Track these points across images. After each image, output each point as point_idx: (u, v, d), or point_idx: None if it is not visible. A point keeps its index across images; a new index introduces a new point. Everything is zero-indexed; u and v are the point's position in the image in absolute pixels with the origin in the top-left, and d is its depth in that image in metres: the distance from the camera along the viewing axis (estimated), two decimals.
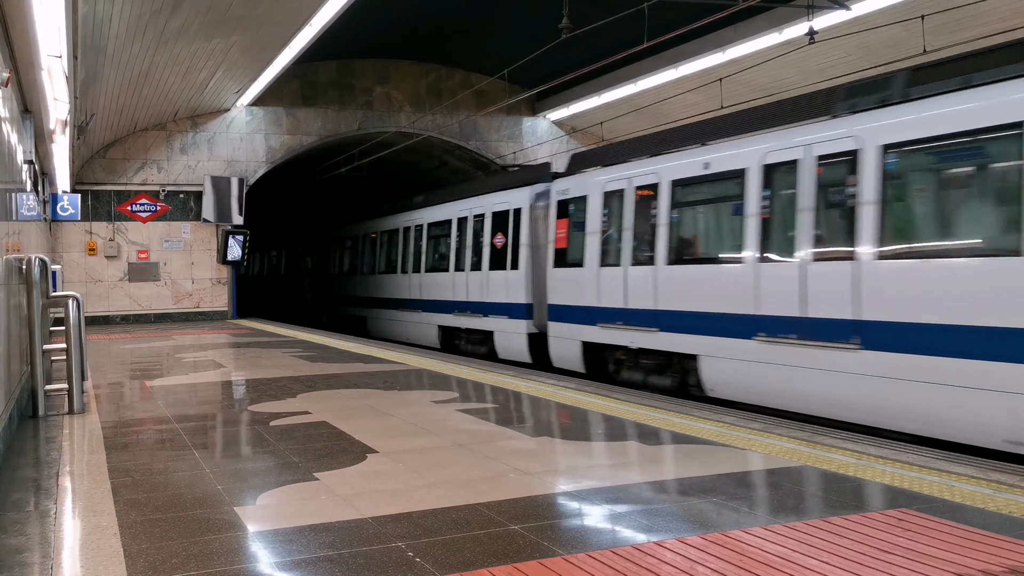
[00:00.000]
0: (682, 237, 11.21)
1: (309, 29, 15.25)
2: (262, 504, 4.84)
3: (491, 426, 7.06)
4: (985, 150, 7.52)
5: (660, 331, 11.37)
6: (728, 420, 7.22)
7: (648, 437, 6.60)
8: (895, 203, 8.30)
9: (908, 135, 8.08)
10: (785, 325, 9.33)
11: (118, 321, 22.37)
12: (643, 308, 11.69)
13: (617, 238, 12.36)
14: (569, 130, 25.75)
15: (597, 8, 13.93)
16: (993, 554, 3.76)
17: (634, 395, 8.83)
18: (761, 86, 18.09)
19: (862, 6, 14.19)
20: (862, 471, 5.31)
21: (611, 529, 4.28)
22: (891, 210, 8.28)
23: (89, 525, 4.45)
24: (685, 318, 10.92)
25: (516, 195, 15.81)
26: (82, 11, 9.54)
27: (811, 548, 3.87)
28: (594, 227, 12.91)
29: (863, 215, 8.44)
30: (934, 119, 7.83)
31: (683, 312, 10.95)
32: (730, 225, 10.40)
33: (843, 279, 8.61)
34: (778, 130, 9.88)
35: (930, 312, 7.73)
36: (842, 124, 8.92)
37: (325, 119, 23.99)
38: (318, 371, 11.13)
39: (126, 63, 14.62)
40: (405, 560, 3.82)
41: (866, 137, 8.53)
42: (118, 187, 22.39)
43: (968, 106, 7.54)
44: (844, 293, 8.59)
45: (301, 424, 7.25)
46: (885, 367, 8.13)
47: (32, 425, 7.56)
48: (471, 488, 5.03)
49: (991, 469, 5.33)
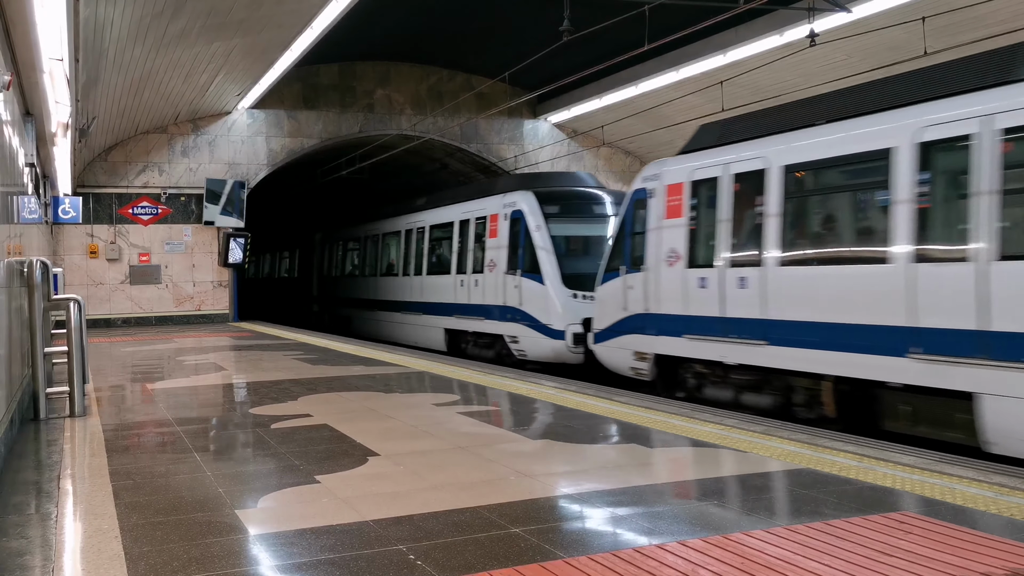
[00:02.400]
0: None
1: (310, 32, 15.26)
2: (263, 507, 4.83)
3: (492, 429, 7.06)
4: None
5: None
6: (729, 423, 7.21)
7: (649, 439, 6.59)
8: None
9: None
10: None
11: (119, 324, 22.37)
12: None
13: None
14: (570, 132, 25.76)
15: (598, 10, 13.92)
16: (995, 557, 3.75)
17: (633, 397, 8.83)
18: (762, 88, 18.10)
19: (863, 8, 14.19)
20: (864, 474, 5.31)
21: (612, 532, 4.27)
22: None
23: (90, 528, 4.45)
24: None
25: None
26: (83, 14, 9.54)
27: (812, 551, 3.86)
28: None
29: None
30: None
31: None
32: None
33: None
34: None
35: None
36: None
37: (326, 122, 24.01)
38: (319, 374, 11.13)
39: (127, 66, 14.63)
40: (406, 563, 3.81)
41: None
42: (119, 190, 22.39)
43: None
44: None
45: (302, 427, 7.24)
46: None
47: (33, 428, 7.56)
48: (472, 491, 5.03)
49: (993, 472, 5.32)
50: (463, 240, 17.75)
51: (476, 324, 16.94)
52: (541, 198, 15.59)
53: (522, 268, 15.33)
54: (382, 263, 22.91)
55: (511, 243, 15.75)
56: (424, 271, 19.67)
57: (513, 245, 15.69)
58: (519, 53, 17.89)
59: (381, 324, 22.48)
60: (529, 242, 15.24)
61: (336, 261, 27.05)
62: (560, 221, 15.48)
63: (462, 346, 17.96)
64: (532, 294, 15.04)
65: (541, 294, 14.83)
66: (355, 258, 25.52)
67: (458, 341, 18.18)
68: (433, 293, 19.11)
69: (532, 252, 15.16)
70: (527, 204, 15.56)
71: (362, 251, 24.75)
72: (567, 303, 14.49)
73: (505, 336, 15.81)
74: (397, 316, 21.29)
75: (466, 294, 17.38)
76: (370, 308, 23.44)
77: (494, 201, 16.70)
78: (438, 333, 18.79)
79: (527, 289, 15.18)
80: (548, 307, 14.65)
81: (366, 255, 24.37)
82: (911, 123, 8.18)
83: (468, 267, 17.40)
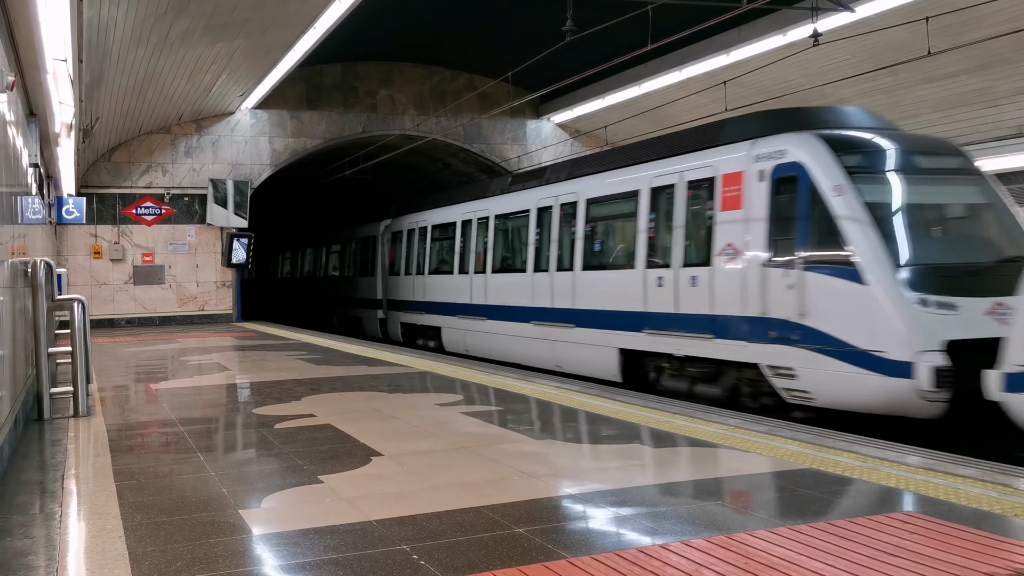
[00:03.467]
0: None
1: (313, 32, 15.27)
2: (267, 507, 4.84)
3: (495, 429, 7.06)
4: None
5: None
6: (732, 422, 7.21)
7: (652, 439, 6.59)
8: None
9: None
10: None
11: (123, 324, 22.40)
12: None
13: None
14: (573, 132, 25.76)
15: (601, 10, 13.92)
16: (999, 557, 3.74)
17: (637, 397, 8.82)
18: (765, 88, 18.08)
19: (866, 8, 14.16)
20: (867, 474, 5.30)
21: (616, 532, 4.27)
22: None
23: (94, 528, 4.46)
24: None
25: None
26: (87, 15, 9.56)
27: (816, 551, 3.86)
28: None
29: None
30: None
31: None
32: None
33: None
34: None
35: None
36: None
37: (329, 122, 24.03)
38: (322, 374, 11.14)
39: (131, 66, 14.66)
40: (410, 563, 3.81)
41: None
42: (123, 190, 22.43)
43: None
44: None
45: (306, 427, 7.25)
46: None
47: (37, 428, 7.57)
48: (475, 491, 5.03)
49: (997, 472, 5.31)
50: (662, 215, 11.96)
51: (690, 344, 11.19)
52: (836, 144, 9.82)
53: (806, 254, 9.55)
54: (495, 256, 16.85)
55: (776, 216, 10.02)
56: (578, 265, 13.83)
57: (781, 219, 9.97)
58: (522, 53, 17.89)
59: (495, 339, 16.50)
60: (823, 213, 9.50)
61: (416, 255, 20.83)
62: (880, 180, 9.69)
63: (652, 375, 12.26)
64: (833, 299, 9.27)
65: (856, 299, 9.04)
66: (446, 250, 19.21)
67: (643, 367, 12.46)
68: (597, 296, 13.30)
69: (830, 229, 9.38)
70: (812, 153, 9.78)
71: (463, 240, 18.31)
72: (914, 316, 8.67)
73: (765, 367, 10.01)
74: (525, 329, 15.31)
75: (668, 298, 11.60)
76: (475, 316, 17.36)
77: (731, 153, 10.89)
78: (605, 355, 12.99)
79: (821, 290, 9.36)
80: (875, 321, 8.86)
81: (467, 245, 18.07)
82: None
83: (675, 256, 11.58)
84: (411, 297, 20.82)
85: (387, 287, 22.66)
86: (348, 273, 26.00)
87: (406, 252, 21.42)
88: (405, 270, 21.36)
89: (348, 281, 25.90)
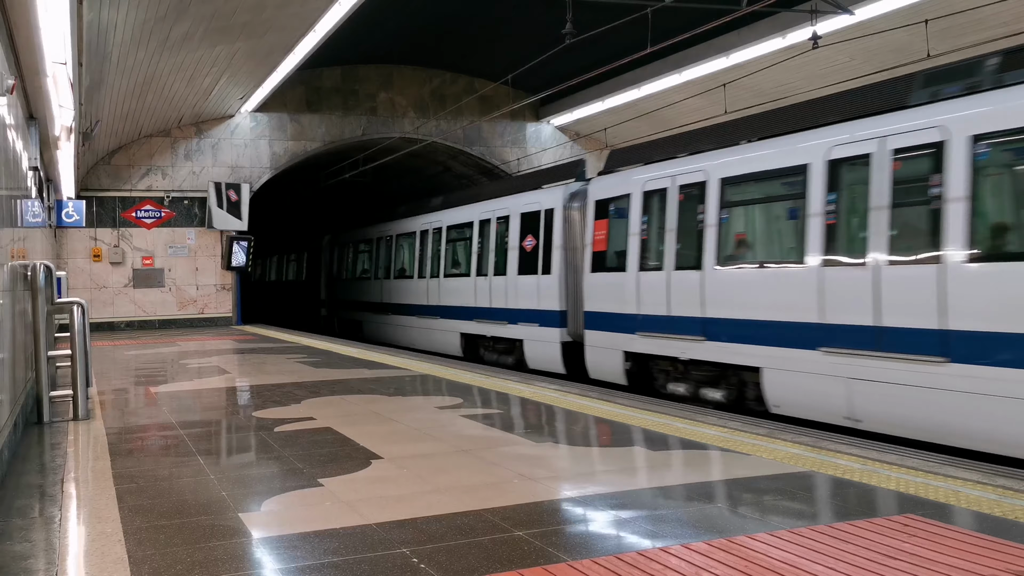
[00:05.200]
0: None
1: (313, 35, 15.29)
2: (267, 510, 4.83)
3: (495, 432, 7.06)
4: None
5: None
6: (732, 425, 7.20)
7: (653, 442, 6.59)
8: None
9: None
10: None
11: (123, 327, 22.40)
12: None
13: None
14: (573, 135, 25.77)
15: (601, 13, 13.94)
16: (999, 559, 3.74)
17: (637, 400, 8.83)
18: (765, 91, 18.10)
19: (865, 11, 14.19)
20: (867, 476, 5.30)
21: (616, 535, 4.27)
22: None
23: (94, 531, 4.45)
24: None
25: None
26: (87, 18, 9.57)
27: (816, 554, 3.86)
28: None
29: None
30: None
31: None
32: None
33: None
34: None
35: None
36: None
37: (329, 125, 24.04)
38: (322, 377, 11.14)
39: (131, 70, 14.67)
40: (409, 566, 3.81)
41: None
42: (123, 193, 22.44)
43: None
44: None
45: (306, 430, 7.25)
46: None
47: (37, 431, 7.57)
48: (475, 494, 5.03)
49: (997, 474, 5.31)
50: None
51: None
52: None
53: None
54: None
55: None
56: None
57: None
58: (522, 56, 17.93)
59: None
60: None
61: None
62: None
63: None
64: None
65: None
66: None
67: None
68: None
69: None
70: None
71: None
72: None
73: None
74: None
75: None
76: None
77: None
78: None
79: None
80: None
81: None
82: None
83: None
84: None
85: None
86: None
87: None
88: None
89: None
